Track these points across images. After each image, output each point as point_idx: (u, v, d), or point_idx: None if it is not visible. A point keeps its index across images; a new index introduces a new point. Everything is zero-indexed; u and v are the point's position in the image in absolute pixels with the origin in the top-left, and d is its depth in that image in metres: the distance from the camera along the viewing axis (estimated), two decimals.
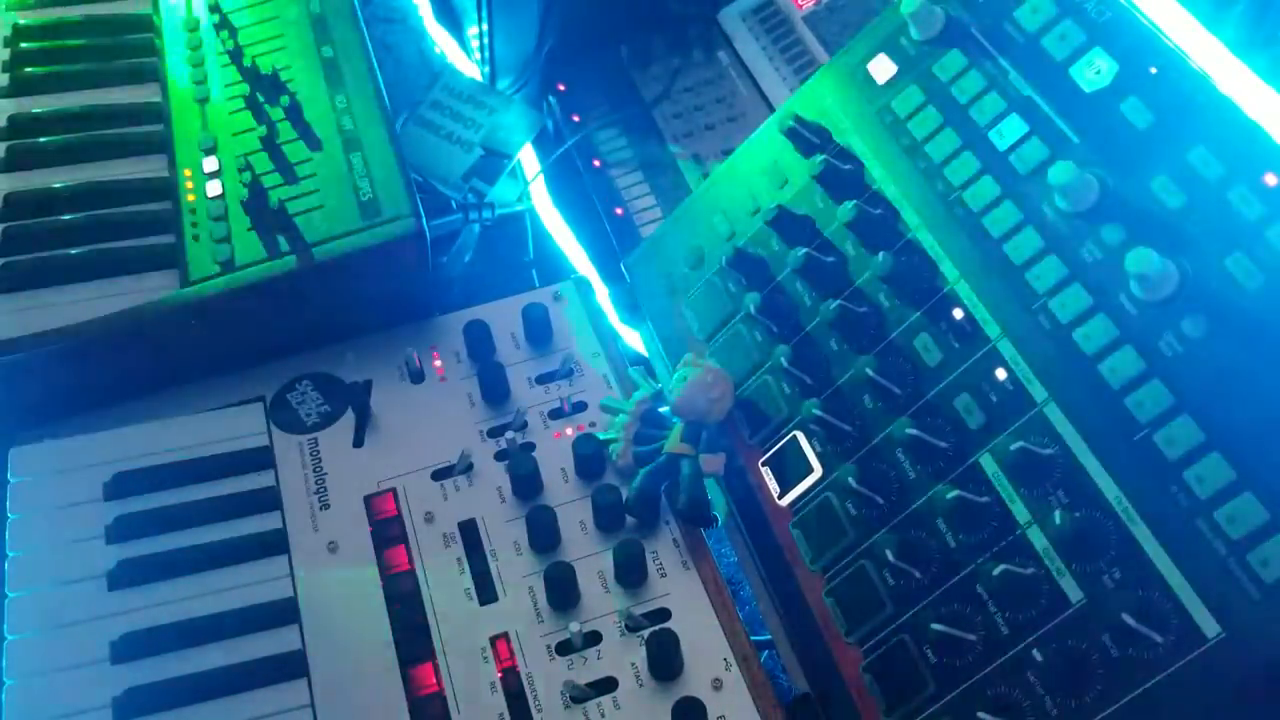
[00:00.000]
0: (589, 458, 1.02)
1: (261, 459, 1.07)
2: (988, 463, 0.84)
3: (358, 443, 1.08)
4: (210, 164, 1.18)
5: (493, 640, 0.94)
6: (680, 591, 0.96)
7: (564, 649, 0.94)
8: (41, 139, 1.22)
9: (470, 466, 1.05)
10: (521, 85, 1.57)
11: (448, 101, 1.45)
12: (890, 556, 0.83)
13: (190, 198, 1.16)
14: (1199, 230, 0.79)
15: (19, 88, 1.28)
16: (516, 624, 0.95)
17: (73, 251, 1.12)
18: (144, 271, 1.10)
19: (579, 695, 0.90)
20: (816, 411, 0.92)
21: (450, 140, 1.42)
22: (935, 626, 0.79)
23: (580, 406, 1.09)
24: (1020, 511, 0.81)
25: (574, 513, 1.01)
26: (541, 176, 1.48)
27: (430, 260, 1.13)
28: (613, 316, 1.22)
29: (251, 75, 1.22)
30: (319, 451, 1.07)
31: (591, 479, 1.03)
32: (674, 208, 1.32)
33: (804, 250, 0.98)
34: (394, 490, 1.04)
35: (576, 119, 1.48)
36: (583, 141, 1.46)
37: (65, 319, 1.06)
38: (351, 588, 0.98)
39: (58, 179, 1.19)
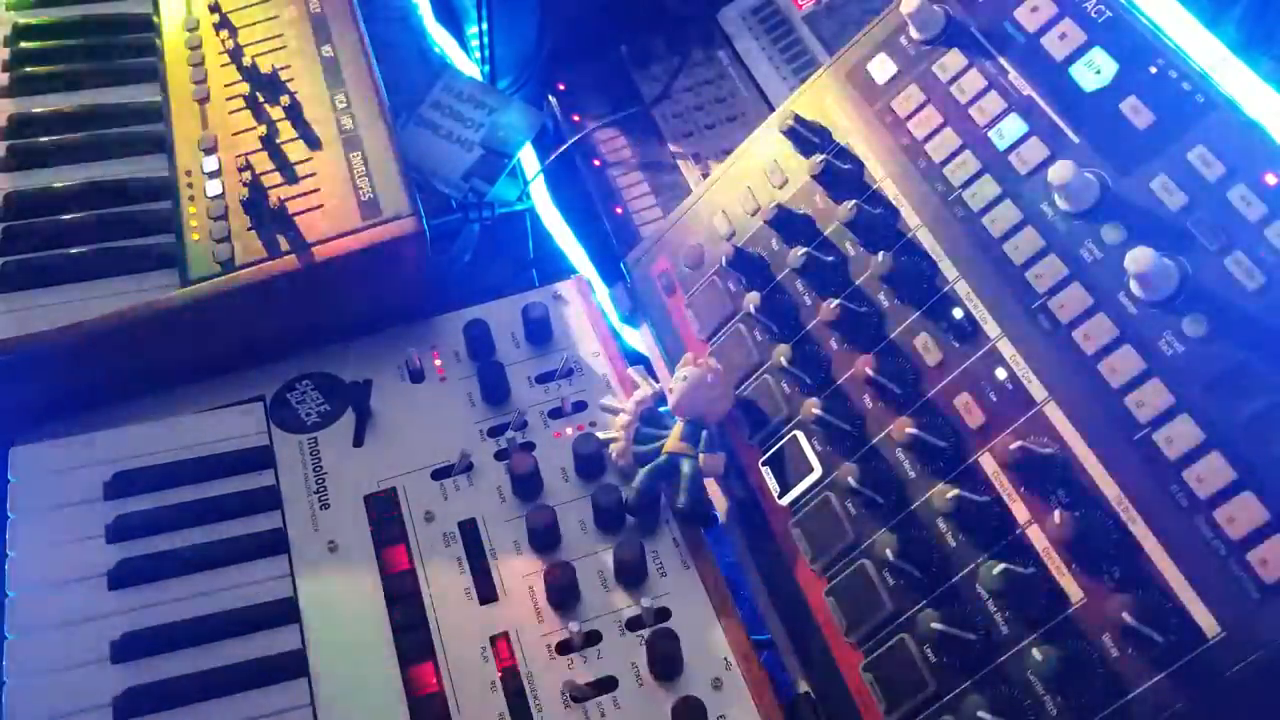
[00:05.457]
0: (589, 458, 1.02)
1: (261, 459, 1.07)
2: (988, 463, 0.84)
3: (358, 442, 1.08)
4: (210, 164, 1.18)
5: (493, 640, 0.94)
6: (680, 591, 0.96)
7: (564, 649, 0.94)
8: (42, 139, 1.22)
9: (470, 466, 1.05)
10: (521, 85, 1.57)
11: (448, 101, 1.45)
12: (890, 556, 0.83)
13: (190, 198, 1.16)
14: (1199, 230, 0.79)
15: (19, 88, 1.28)
16: (516, 624, 0.95)
17: (73, 251, 1.12)
18: (144, 271, 1.11)
19: (579, 695, 0.90)
20: (816, 411, 0.92)
21: (450, 140, 1.42)
22: (935, 626, 0.79)
23: (580, 406, 1.09)
24: (1020, 511, 0.81)
25: (574, 513, 1.01)
26: (541, 176, 1.48)
27: (430, 260, 1.13)
28: (613, 316, 1.22)
29: (251, 75, 1.22)
30: (319, 451, 1.07)
31: (591, 479, 1.03)
32: (674, 208, 1.33)
33: (804, 250, 0.98)
34: (394, 490, 1.04)
35: (576, 119, 1.48)
36: (583, 141, 1.46)
37: (65, 319, 1.06)
38: (351, 588, 0.98)
39: (58, 179, 1.19)
